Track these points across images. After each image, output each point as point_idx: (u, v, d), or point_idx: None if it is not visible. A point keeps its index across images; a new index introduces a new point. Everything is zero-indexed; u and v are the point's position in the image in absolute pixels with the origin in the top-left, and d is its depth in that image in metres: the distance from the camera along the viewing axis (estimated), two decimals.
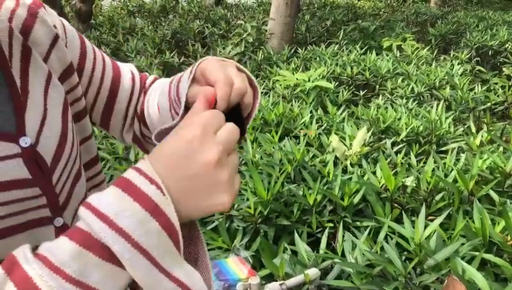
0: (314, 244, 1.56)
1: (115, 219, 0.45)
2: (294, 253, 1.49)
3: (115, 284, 0.47)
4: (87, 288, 0.45)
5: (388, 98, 3.32)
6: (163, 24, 5.74)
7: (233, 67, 0.60)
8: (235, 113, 0.58)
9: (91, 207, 0.45)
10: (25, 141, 0.60)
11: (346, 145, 2.16)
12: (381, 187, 1.70)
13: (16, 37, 0.63)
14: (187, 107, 0.59)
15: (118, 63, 0.82)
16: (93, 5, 6.02)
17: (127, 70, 0.82)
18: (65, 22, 0.73)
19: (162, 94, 0.70)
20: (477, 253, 1.27)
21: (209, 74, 0.57)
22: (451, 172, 1.81)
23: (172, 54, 4.49)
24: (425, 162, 1.92)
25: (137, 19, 6.39)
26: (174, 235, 0.46)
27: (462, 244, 1.31)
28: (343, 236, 1.46)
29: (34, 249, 0.48)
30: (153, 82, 0.83)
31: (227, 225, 1.68)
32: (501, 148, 2.07)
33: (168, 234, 0.46)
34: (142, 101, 0.81)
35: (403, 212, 1.50)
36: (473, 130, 2.47)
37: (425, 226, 1.33)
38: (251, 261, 1.41)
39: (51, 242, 0.46)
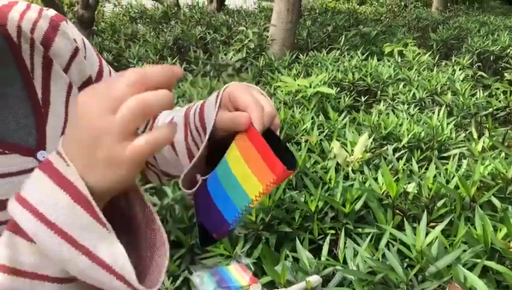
0: (315, 251, 1.56)
1: (25, 193, 0.43)
2: (296, 260, 1.48)
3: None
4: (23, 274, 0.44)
5: (389, 103, 3.32)
6: (165, 30, 5.77)
7: (258, 92, 0.60)
8: (269, 138, 0.53)
9: (16, 195, 0.45)
10: (43, 155, 0.60)
11: (347, 152, 2.16)
12: (382, 194, 1.70)
13: (37, 48, 0.64)
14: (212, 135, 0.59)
15: None
16: (96, 12, 6.05)
17: None
18: (85, 39, 0.74)
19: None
20: (479, 260, 1.27)
21: (238, 99, 0.57)
22: (453, 178, 1.80)
23: (174, 60, 4.51)
24: (426, 169, 1.92)
25: (139, 25, 6.42)
26: (88, 207, 0.43)
27: (464, 251, 1.30)
28: (345, 243, 1.46)
29: None
30: None
31: None
32: (503, 154, 2.06)
33: (82, 207, 0.42)
34: (151, 126, 0.81)
35: (405, 219, 1.50)
36: (475, 135, 2.47)
37: (427, 233, 1.32)
38: (252, 268, 1.41)
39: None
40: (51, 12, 0.68)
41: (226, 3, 8.31)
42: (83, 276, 0.44)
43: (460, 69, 4.16)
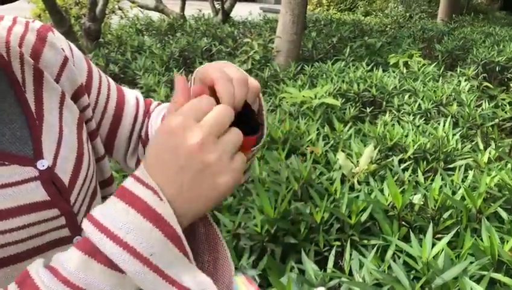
0: (321, 262, 1.55)
1: (114, 229, 0.44)
2: (302, 272, 1.48)
3: None
4: None
5: (395, 114, 3.32)
6: (171, 42, 5.80)
7: (232, 67, 0.57)
8: (246, 117, 0.55)
9: (92, 219, 0.46)
10: (42, 164, 0.61)
11: (353, 163, 2.16)
12: (388, 205, 1.70)
13: (27, 61, 0.65)
14: None
15: (123, 88, 0.84)
16: (102, 24, 6.11)
17: (132, 96, 0.84)
18: (72, 45, 0.75)
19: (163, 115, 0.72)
20: (486, 272, 1.26)
21: (206, 76, 0.54)
22: (459, 189, 1.80)
23: (180, 72, 4.53)
24: (432, 180, 1.92)
25: (146, 37, 6.47)
26: (178, 242, 0.45)
27: (471, 263, 1.29)
28: (351, 255, 1.45)
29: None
30: (157, 106, 0.84)
31: (234, 244, 1.68)
32: (509, 165, 2.06)
33: (173, 242, 0.45)
34: (147, 125, 0.82)
35: (411, 230, 1.49)
36: (481, 146, 2.46)
37: (433, 245, 1.32)
38: (258, 280, 1.40)
39: (62, 253, 0.47)
40: (37, 24, 0.69)
41: (231, 15, 8.37)
42: None
43: (465, 80, 4.16)
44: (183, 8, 8.17)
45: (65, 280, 0.44)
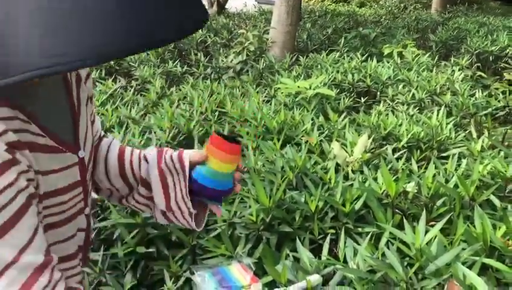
0: (316, 250, 1.57)
1: None
2: (297, 260, 1.50)
3: None
4: None
5: (389, 104, 3.34)
6: None
7: None
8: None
9: None
10: (82, 154, 0.77)
11: (347, 152, 2.17)
12: (382, 193, 1.71)
13: None
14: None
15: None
16: None
17: (99, 120, 1.02)
18: None
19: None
20: (478, 258, 1.28)
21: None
22: (452, 178, 1.81)
23: (175, 64, 4.52)
24: (426, 168, 1.93)
25: None
26: None
27: (463, 249, 1.31)
28: (345, 242, 1.47)
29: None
30: (103, 137, 1.03)
31: (229, 232, 1.69)
32: (502, 153, 2.08)
33: None
34: (97, 144, 0.99)
35: (404, 218, 1.51)
36: (474, 135, 2.48)
37: (426, 232, 1.34)
38: (254, 268, 1.42)
39: None
40: None
41: (226, 6, 8.33)
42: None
43: (459, 70, 4.18)
44: None
45: None
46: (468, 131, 2.68)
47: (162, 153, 0.93)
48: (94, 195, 0.98)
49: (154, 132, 2.57)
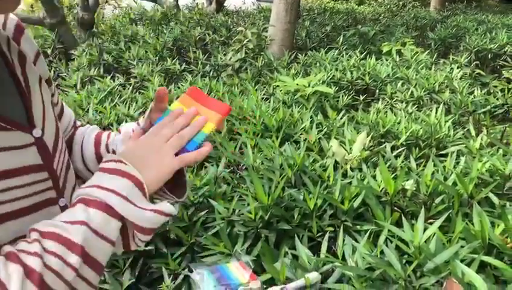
0: (314, 248, 1.57)
1: (109, 186, 0.67)
2: (295, 257, 1.50)
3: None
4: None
5: (388, 102, 3.34)
6: (165, 32, 5.77)
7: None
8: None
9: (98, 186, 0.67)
10: (37, 132, 0.72)
11: (346, 150, 2.17)
12: (381, 191, 1.71)
13: (13, 45, 0.75)
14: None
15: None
16: (96, 14, 6.06)
17: (70, 110, 1.01)
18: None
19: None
20: (476, 255, 1.28)
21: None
22: (450, 175, 1.81)
23: (173, 61, 4.52)
24: (425, 166, 1.93)
25: (139, 26, 6.42)
26: (141, 187, 0.69)
27: (462, 247, 1.31)
28: (344, 240, 1.47)
29: None
30: (80, 126, 1.04)
31: (228, 230, 1.69)
32: (501, 151, 2.08)
33: (137, 187, 0.69)
34: (72, 134, 1.00)
35: (403, 215, 1.51)
36: (473, 133, 2.48)
37: (425, 229, 1.34)
38: (252, 265, 1.42)
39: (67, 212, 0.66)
40: (14, 17, 0.80)
41: (224, 4, 8.32)
42: (149, 222, 0.69)
43: (458, 68, 4.17)
44: None
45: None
46: (466, 129, 2.67)
47: (138, 121, 0.93)
48: None
49: None
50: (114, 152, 0.92)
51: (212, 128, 0.81)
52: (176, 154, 0.76)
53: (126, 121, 2.85)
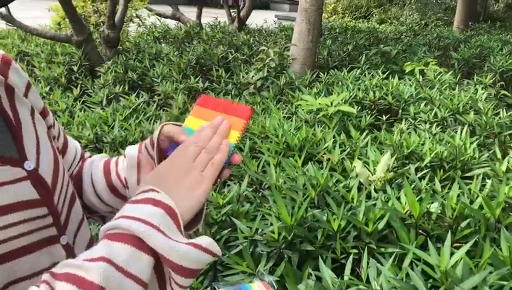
0: (338, 270, 1.56)
1: (136, 215, 0.60)
2: (319, 279, 1.49)
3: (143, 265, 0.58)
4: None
5: (411, 122, 3.31)
6: (188, 50, 5.87)
7: None
8: None
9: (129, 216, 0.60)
10: (29, 165, 0.68)
11: (369, 171, 2.16)
12: (405, 213, 1.70)
13: None
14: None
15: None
16: (121, 32, 6.20)
17: (74, 142, 0.95)
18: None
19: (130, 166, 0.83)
20: (505, 282, 1.25)
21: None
22: (476, 198, 1.79)
23: (197, 79, 4.58)
24: (450, 188, 1.91)
25: (163, 44, 6.54)
26: (175, 217, 0.61)
27: (490, 273, 1.29)
28: (368, 262, 1.46)
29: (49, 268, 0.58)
30: (89, 157, 0.97)
31: (251, 250, 1.69)
32: None
33: (170, 216, 0.61)
34: (80, 167, 0.93)
35: (428, 239, 1.49)
36: (499, 155, 2.44)
37: (451, 254, 1.32)
38: (275, 286, 1.41)
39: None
40: (1, 51, 0.77)
41: (247, 23, 8.42)
42: (189, 260, 0.59)
43: (482, 88, 4.13)
44: (199, 16, 8.25)
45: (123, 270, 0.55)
46: (492, 151, 2.64)
47: (142, 145, 0.85)
48: None
49: None
50: (126, 180, 0.84)
51: (237, 137, 0.73)
52: None
53: None
